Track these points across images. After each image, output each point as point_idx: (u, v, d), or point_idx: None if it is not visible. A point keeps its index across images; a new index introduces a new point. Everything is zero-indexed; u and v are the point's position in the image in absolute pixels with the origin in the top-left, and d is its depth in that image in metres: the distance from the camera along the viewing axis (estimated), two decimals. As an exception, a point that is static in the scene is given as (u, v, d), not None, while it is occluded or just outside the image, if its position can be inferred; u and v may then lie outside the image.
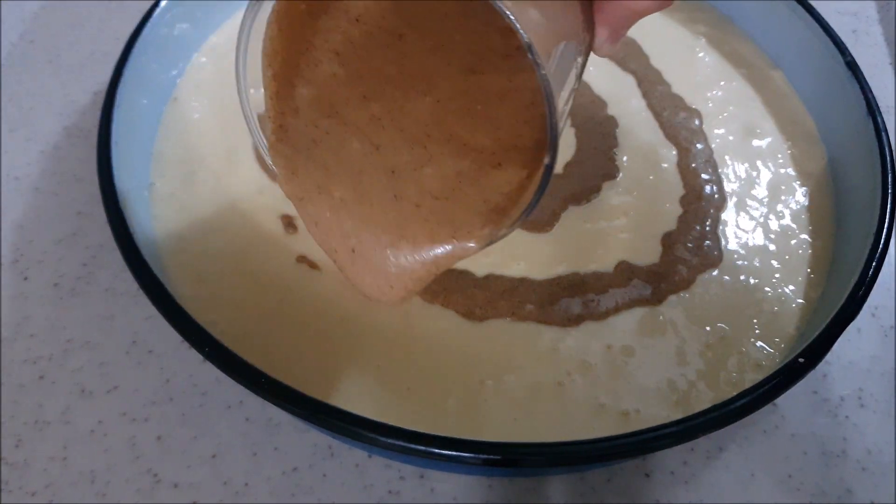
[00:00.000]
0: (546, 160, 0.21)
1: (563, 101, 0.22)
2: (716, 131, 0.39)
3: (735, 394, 0.27)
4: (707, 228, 0.35)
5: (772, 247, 0.35)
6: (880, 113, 0.35)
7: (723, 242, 0.35)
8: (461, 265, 0.33)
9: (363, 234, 0.27)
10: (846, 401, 0.35)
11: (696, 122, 0.40)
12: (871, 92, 0.36)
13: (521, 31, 0.19)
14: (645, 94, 0.41)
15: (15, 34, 0.49)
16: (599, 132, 0.39)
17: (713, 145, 0.39)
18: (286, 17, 0.25)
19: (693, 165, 0.38)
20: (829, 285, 0.33)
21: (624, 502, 0.32)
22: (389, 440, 0.25)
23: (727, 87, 0.42)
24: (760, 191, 0.37)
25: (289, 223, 0.34)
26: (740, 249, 0.35)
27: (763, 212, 0.36)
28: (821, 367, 0.28)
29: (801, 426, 0.35)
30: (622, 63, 0.42)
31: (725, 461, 0.33)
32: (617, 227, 0.35)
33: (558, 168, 0.37)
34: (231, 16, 0.43)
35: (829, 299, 0.32)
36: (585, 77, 0.41)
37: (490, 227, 0.25)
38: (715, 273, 0.34)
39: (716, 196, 0.36)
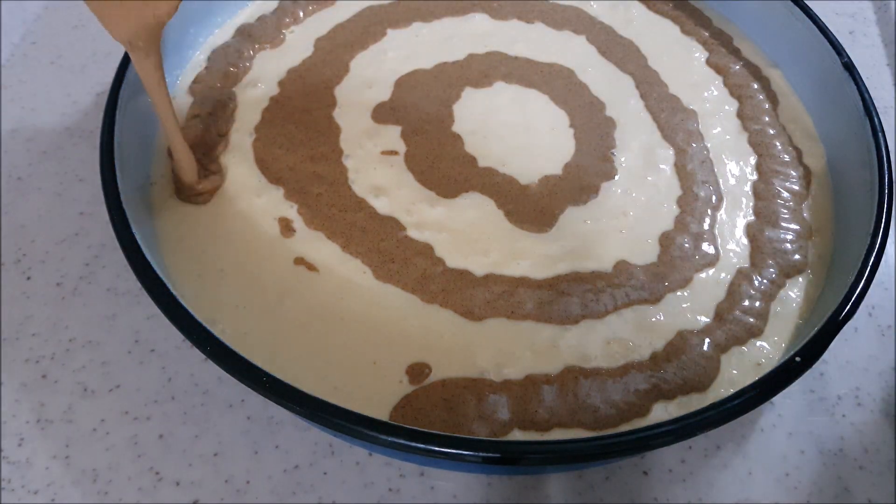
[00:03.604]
0: None
1: None
2: (713, 131, 0.40)
3: (733, 392, 0.27)
4: (704, 228, 0.35)
5: (769, 246, 0.35)
6: (877, 113, 0.35)
7: (719, 241, 0.35)
8: (461, 265, 0.33)
9: None
10: (843, 400, 0.36)
11: (693, 122, 0.40)
12: (867, 92, 0.36)
13: None
14: (643, 95, 0.41)
15: (17, 35, 0.49)
16: (598, 133, 0.39)
17: (710, 145, 0.39)
18: None
19: (690, 166, 0.38)
20: (828, 284, 0.34)
21: (622, 500, 0.32)
22: (390, 438, 0.25)
23: (724, 86, 0.42)
24: (758, 190, 0.37)
25: (286, 226, 0.34)
26: (737, 248, 0.35)
27: (760, 211, 0.36)
28: (818, 365, 0.28)
29: (799, 425, 0.35)
30: (620, 64, 0.42)
31: (723, 459, 0.34)
32: (615, 226, 0.35)
33: (557, 169, 0.37)
34: (232, 16, 0.43)
35: (828, 298, 0.32)
36: (583, 79, 0.41)
37: None
38: (712, 272, 0.34)
39: (713, 196, 0.37)
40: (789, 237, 0.35)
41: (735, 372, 0.31)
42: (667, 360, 0.31)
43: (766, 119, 0.40)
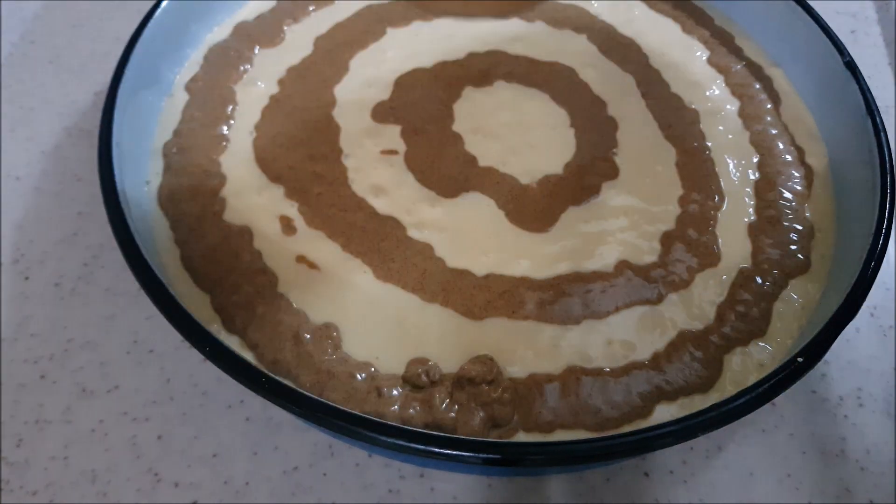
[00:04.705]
0: None
1: None
2: (714, 130, 0.39)
3: (734, 393, 0.27)
4: (705, 227, 0.35)
5: (771, 246, 0.35)
6: (879, 113, 0.35)
7: (721, 241, 0.35)
8: (461, 265, 0.33)
9: None
10: (845, 400, 0.36)
11: (695, 121, 0.40)
12: (869, 92, 0.36)
13: None
14: (644, 95, 0.41)
15: (16, 34, 0.49)
16: (599, 133, 0.39)
17: (711, 144, 0.39)
18: None
19: (691, 166, 0.38)
20: (830, 284, 0.33)
21: (623, 502, 0.32)
22: (389, 439, 0.25)
23: (725, 86, 0.42)
24: (759, 189, 0.37)
25: (287, 224, 0.34)
26: (739, 248, 0.35)
27: (762, 211, 0.36)
28: (820, 366, 0.28)
29: (800, 426, 0.35)
30: (621, 63, 0.42)
31: (724, 460, 0.33)
32: (616, 226, 0.35)
33: (558, 169, 0.37)
34: (231, 13, 0.43)
35: (830, 298, 0.32)
36: (584, 78, 0.41)
37: None
38: (714, 272, 0.34)
39: (714, 195, 0.36)
40: (791, 237, 0.35)
41: (737, 372, 0.31)
42: (668, 361, 0.31)
43: (768, 118, 0.40)
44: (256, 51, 0.41)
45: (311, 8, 0.44)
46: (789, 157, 0.38)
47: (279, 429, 0.33)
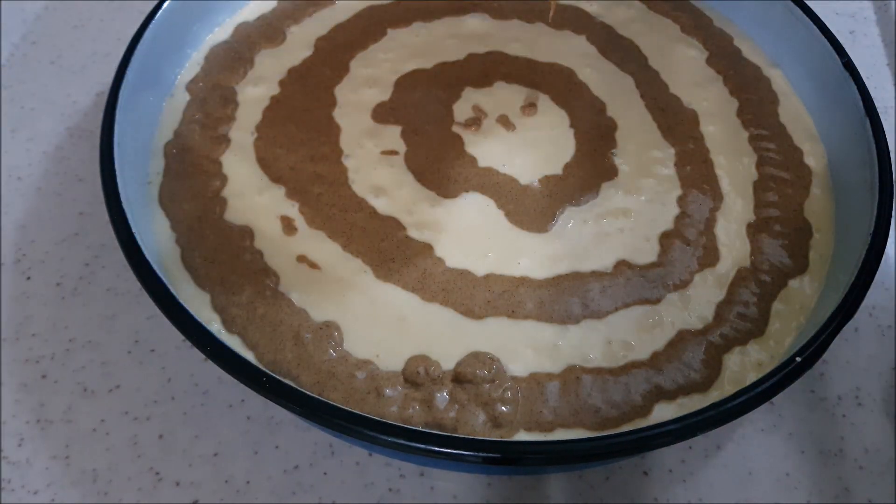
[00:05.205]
0: None
1: None
2: (713, 131, 0.39)
3: (733, 392, 0.27)
4: (704, 228, 0.35)
5: (770, 246, 0.35)
6: (878, 114, 0.35)
7: (720, 241, 0.35)
8: (461, 265, 0.33)
9: None
10: (844, 400, 0.36)
11: (693, 122, 0.40)
12: (868, 93, 0.36)
13: None
14: (643, 95, 0.41)
15: (17, 35, 0.49)
16: (598, 133, 0.39)
17: (710, 145, 0.39)
18: None
19: (690, 166, 0.38)
20: (829, 284, 0.34)
21: (622, 501, 0.32)
22: (390, 438, 0.25)
23: (724, 86, 0.42)
24: (758, 190, 0.37)
25: (288, 224, 0.34)
26: (737, 248, 0.35)
27: (761, 211, 0.36)
28: (818, 366, 0.28)
29: (799, 425, 0.35)
30: (620, 64, 0.42)
31: (723, 459, 0.34)
32: (616, 226, 0.35)
33: (557, 169, 0.37)
34: (232, 14, 0.43)
35: (828, 298, 0.32)
36: (583, 78, 0.41)
37: None
38: (712, 272, 0.34)
39: (713, 196, 0.37)
40: (790, 237, 0.35)
41: (736, 372, 0.31)
42: (667, 360, 0.31)
43: (767, 119, 0.40)
44: (257, 52, 0.42)
45: (311, 9, 0.44)
46: (788, 158, 0.38)
47: (280, 428, 0.33)
